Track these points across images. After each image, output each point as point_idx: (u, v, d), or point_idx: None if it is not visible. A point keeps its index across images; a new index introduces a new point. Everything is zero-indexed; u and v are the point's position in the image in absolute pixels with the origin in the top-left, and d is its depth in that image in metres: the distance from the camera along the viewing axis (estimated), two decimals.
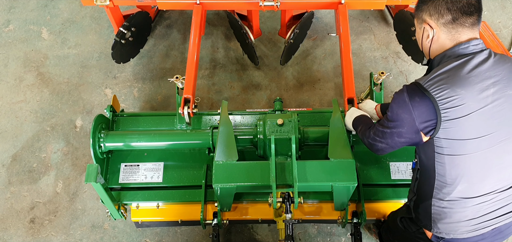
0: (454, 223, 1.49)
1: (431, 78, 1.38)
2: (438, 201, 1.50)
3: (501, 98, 1.36)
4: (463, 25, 1.41)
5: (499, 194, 1.44)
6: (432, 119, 1.38)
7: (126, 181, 2.24)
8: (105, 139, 2.16)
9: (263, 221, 2.27)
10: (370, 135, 1.66)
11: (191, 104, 2.23)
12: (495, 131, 1.37)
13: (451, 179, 1.44)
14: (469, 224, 1.48)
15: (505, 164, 1.42)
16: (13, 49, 3.36)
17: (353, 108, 2.05)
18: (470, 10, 1.40)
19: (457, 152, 1.39)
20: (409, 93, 1.42)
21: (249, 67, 3.23)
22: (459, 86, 1.33)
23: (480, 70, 1.36)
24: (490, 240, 1.54)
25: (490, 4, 3.48)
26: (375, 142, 1.63)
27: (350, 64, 2.38)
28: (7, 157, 2.90)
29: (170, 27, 3.45)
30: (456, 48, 1.42)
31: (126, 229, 2.63)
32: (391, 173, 2.22)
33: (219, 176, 1.84)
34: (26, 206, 2.73)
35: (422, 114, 1.39)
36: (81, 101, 3.10)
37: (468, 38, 1.42)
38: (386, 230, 2.19)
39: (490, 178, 1.42)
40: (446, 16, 1.42)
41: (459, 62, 1.38)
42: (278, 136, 1.96)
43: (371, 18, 3.44)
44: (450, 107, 1.34)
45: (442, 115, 1.35)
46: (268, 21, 3.46)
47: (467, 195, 1.44)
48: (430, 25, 1.47)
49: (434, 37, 1.47)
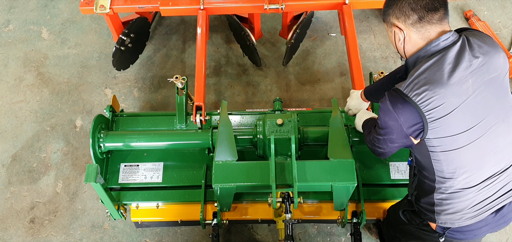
0: (458, 213, 1.51)
1: (409, 83, 1.39)
2: (440, 195, 1.52)
3: (481, 86, 1.37)
4: (431, 22, 1.41)
5: (498, 176, 1.47)
6: (418, 122, 1.39)
7: (125, 181, 2.24)
8: (105, 139, 2.16)
9: (263, 221, 2.26)
10: (370, 141, 1.69)
11: (203, 112, 2.25)
12: (482, 119, 1.38)
13: (450, 173, 1.45)
14: (473, 210, 1.49)
15: (499, 147, 1.44)
16: (13, 49, 3.36)
17: (362, 111, 2.06)
18: (434, 5, 1.40)
19: (450, 147, 1.40)
20: (391, 101, 1.43)
21: (249, 68, 3.23)
22: (436, 86, 1.34)
23: (455, 65, 1.36)
24: (493, 225, 1.56)
25: (490, 4, 3.48)
26: (374, 147, 1.68)
27: (359, 64, 2.39)
28: (7, 157, 2.91)
29: (170, 28, 3.45)
30: (427, 47, 1.42)
31: (126, 229, 2.63)
32: (390, 173, 2.22)
33: (218, 176, 1.84)
34: (26, 206, 2.73)
35: (408, 120, 1.40)
36: (81, 101, 3.10)
37: (437, 34, 1.42)
38: (387, 225, 2.18)
39: (488, 164, 1.44)
40: (412, 17, 1.42)
41: (432, 62, 1.39)
42: (278, 136, 1.96)
43: (371, 18, 3.44)
44: (433, 108, 1.35)
45: (427, 118, 1.36)
46: (267, 22, 3.46)
47: (469, 185, 1.46)
48: (399, 28, 1.47)
49: (406, 39, 1.47)
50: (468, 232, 1.58)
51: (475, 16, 3.33)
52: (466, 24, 3.36)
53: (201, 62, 2.43)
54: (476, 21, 3.30)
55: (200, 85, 2.36)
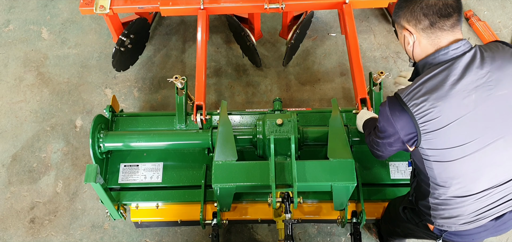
0: (453, 218, 1.50)
1: (411, 90, 1.36)
2: (435, 199, 1.51)
3: (486, 102, 1.31)
4: (442, 29, 1.37)
5: (495, 188, 1.43)
6: (413, 132, 1.38)
7: (125, 181, 2.24)
8: (105, 139, 2.16)
9: (262, 221, 2.26)
10: (369, 142, 1.69)
11: (203, 112, 2.24)
12: (481, 135, 1.34)
13: (443, 181, 1.44)
14: (470, 217, 1.48)
15: (497, 162, 1.39)
16: (13, 49, 3.36)
17: (363, 111, 2.05)
18: (447, 11, 1.35)
19: (444, 158, 1.38)
20: (390, 107, 1.41)
21: (249, 68, 3.23)
22: (437, 99, 1.31)
23: (460, 77, 1.32)
24: (493, 230, 1.54)
25: (490, 4, 3.48)
26: (373, 149, 1.68)
27: (359, 64, 2.39)
28: (7, 156, 2.91)
29: (170, 28, 3.45)
30: (436, 55, 1.38)
31: (126, 229, 2.63)
32: (390, 173, 2.22)
33: (218, 176, 1.84)
34: (26, 206, 2.74)
35: (404, 128, 1.39)
36: (81, 101, 3.10)
37: (448, 42, 1.37)
38: (386, 220, 2.16)
39: (484, 177, 1.41)
40: (424, 22, 1.38)
41: (438, 71, 1.35)
42: (278, 136, 1.96)
43: (371, 18, 3.43)
44: (428, 120, 1.32)
45: (421, 129, 1.34)
46: (267, 22, 3.45)
47: (462, 194, 1.44)
48: (410, 31, 1.43)
49: (415, 43, 1.44)
50: (466, 236, 1.57)
51: (475, 16, 3.33)
52: (466, 24, 3.36)
53: (201, 62, 2.43)
54: (476, 21, 3.29)
55: (200, 85, 2.36)
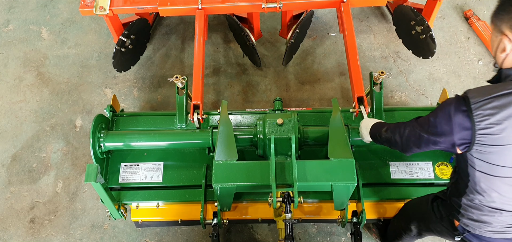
0: (482, 223, 1.48)
1: (483, 100, 1.29)
2: (468, 201, 1.49)
3: None
4: None
5: None
6: (468, 139, 1.34)
7: (126, 181, 2.24)
8: (105, 139, 2.16)
9: (263, 221, 2.27)
10: (404, 133, 1.58)
11: (200, 111, 2.24)
12: None
13: (482, 189, 1.41)
14: (498, 227, 1.45)
15: None
16: (13, 49, 3.36)
17: (366, 119, 2.02)
18: None
19: (490, 172, 1.35)
20: (455, 107, 1.35)
21: (249, 68, 3.23)
22: (505, 117, 1.25)
23: None
24: None
25: (490, 3, 3.48)
26: (408, 143, 1.58)
27: (357, 63, 2.38)
28: (7, 157, 2.91)
29: (169, 28, 3.45)
30: None
31: (126, 229, 2.63)
32: (390, 173, 2.22)
33: (219, 175, 1.84)
34: (26, 206, 2.73)
35: (461, 132, 1.34)
36: (81, 101, 3.10)
37: None
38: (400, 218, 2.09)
39: None
40: None
41: None
42: (278, 136, 1.96)
43: (371, 17, 3.44)
44: (488, 134, 1.28)
45: (477, 139, 1.30)
46: (267, 22, 3.46)
47: (498, 207, 1.42)
48: (509, 39, 1.32)
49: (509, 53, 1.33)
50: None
51: (475, 15, 3.33)
52: (465, 24, 3.36)
53: (199, 61, 2.43)
54: (475, 21, 3.30)
55: (197, 84, 2.35)
